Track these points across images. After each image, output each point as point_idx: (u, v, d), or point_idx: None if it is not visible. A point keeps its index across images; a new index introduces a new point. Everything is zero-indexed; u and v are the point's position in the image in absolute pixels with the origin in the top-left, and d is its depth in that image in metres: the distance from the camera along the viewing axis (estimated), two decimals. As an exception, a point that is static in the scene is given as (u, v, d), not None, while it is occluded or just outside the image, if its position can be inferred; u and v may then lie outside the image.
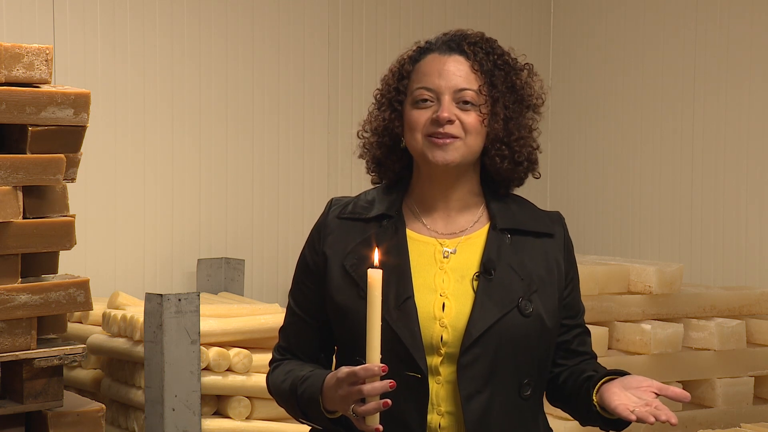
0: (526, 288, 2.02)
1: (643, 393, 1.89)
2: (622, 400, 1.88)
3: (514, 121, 2.07)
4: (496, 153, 2.06)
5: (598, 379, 2.00)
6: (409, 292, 1.99)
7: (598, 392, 1.97)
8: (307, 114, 5.58)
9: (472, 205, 2.10)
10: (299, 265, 2.15)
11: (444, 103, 2.02)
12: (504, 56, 2.09)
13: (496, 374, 1.98)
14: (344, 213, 2.11)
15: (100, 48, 5.00)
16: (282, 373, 2.11)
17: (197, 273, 5.18)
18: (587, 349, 2.15)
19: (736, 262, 5.21)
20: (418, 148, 2.04)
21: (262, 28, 5.44)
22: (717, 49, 5.32)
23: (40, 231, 3.12)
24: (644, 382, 1.91)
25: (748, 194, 5.17)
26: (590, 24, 6.07)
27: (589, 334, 2.17)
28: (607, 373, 2.01)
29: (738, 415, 4.25)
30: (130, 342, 4.05)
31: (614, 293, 4.32)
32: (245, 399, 4.00)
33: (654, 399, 1.87)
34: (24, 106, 3.06)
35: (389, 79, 2.11)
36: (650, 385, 1.90)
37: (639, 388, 1.90)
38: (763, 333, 4.42)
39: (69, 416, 3.20)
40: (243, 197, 5.41)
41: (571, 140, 6.16)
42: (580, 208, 6.03)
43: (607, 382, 1.96)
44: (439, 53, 2.07)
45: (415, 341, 1.97)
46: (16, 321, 3.09)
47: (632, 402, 1.87)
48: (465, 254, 2.05)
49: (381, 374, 1.82)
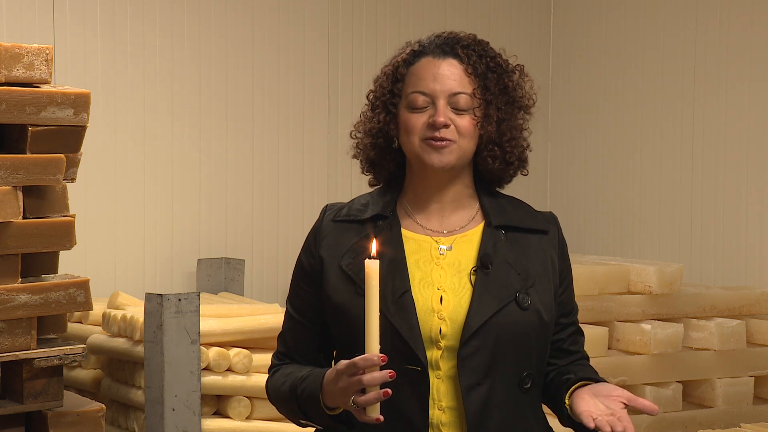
0: (523, 282, 2.03)
1: (611, 402, 1.91)
2: (589, 407, 1.91)
3: (507, 123, 2.09)
4: (488, 154, 2.09)
5: (573, 383, 2.03)
6: (407, 286, 2.01)
7: (570, 396, 2.00)
8: (307, 114, 5.58)
9: (466, 203, 2.12)
10: (296, 270, 2.17)
11: (439, 108, 2.04)
12: (496, 58, 2.11)
13: (496, 367, 1.99)
14: (339, 216, 2.13)
15: (100, 48, 5.00)
16: (281, 375, 2.12)
17: (197, 273, 5.18)
18: (579, 348, 2.17)
19: (736, 262, 5.21)
20: (414, 151, 2.06)
21: (262, 28, 5.44)
22: (717, 48, 5.32)
23: (40, 231, 3.12)
24: (615, 391, 1.94)
25: (748, 194, 5.17)
26: (590, 24, 6.07)
27: (582, 334, 2.19)
28: (582, 378, 2.04)
29: (738, 415, 4.25)
30: (130, 342, 4.05)
31: (614, 293, 4.32)
32: (245, 399, 4.00)
33: (621, 409, 1.89)
34: (24, 106, 3.06)
35: (383, 82, 2.13)
36: (620, 395, 1.92)
37: (609, 397, 1.92)
38: (763, 333, 4.42)
39: (69, 416, 3.20)
40: (243, 197, 5.41)
41: (571, 140, 6.16)
42: (580, 208, 6.03)
43: (581, 387, 1.99)
44: (433, 57, 2.08)
45: (414, 334, 1.98)
46: (16, 321, 3.09)
47: (598, 410, 1.89)
48: (461, 251, 2.06)
49: (380, 364, 1.82)
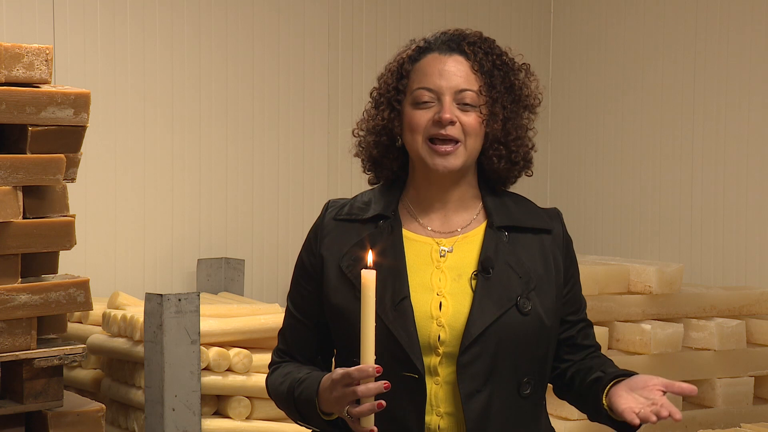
0: (525, 286, 2.02)
1: (649, 392, 1.90)
2: (629, 403, 1.89)
3: (512, 122, 2.07)
4: (494, 153, 2.07)
5: (607, 382, 2.00)
6: (406, 293, 1.99)
7: (607, 395, 1.97)
8: (307, 114, 5.58)
9: (469, 203, 2.10)
10: (297, 267, 2.16)
11: (445, 104, 2.01)
12: (503, 56, 2.09)
13: (496, 373, 1.98)
14: (341, 214, 2.11)
15: (100, 48, 5.00)
16: (280, 375, 2.11)
17: (197, 273, 5.18)
18: (591, 342, 2.16)
19: (736, 262, 5.21)
20: (418, 152, 2.04)
21: (263, 28, 5.44)
22: (717, 47, 5.32)
23: (40, 231, 3.12)
24: (650, 381, 1.92)
25: (748, 194, 5.17)
26: (590, 24, 6.07)
27: (591, 326, 2.18)
28: (615, 375, 2.01)
29: (738, 415, 4.25)
30: (130, 342, 4.05)
31: (614, 293, 4.32)
32: (245, 399, 4.00)
33: (661, 397, 1.88)
34: (24, 106, 3.06)
35: (388, 78, 2.10)
36: (657, 384, 1.91)
37: (645, 388, 1.91)
38: (763, 333, 4.42)
39: (69, 416, 3.20)
40: (243, 197, 5.41)
41: (571, 140, 6.16)
42: (580, 208, 6.03)
43: (616, 385, 1.97)
44: (439, 53, 2.06)
45: (412, 341, 1.97)
46: (16, 321, 3.09)
47: (638, 404, 1.88)
48: (462, 253, 2.05)
49: (375, 375, 1.82)
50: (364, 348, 1.82)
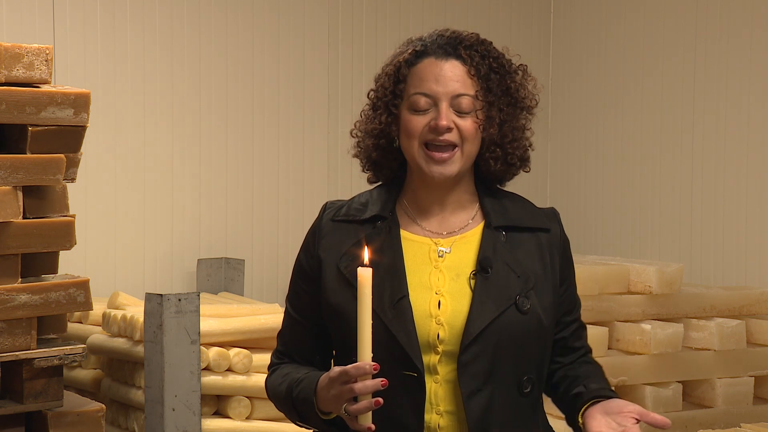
0: (523, 285, 2.02)
1: (623, 419, 1.92)
2: (601, 427, 1.92)
3: (509, 124, 2.07)
4: (491, 156, 2.08)
5: (586, 400, 2.03)
6: (404, 291, 1.99)
7: (583, 415, 2.00)
8: (307, 114, 5.58)
9: (466, 204, 2.11)
10: (295, 269, 2.16)
11: (442, 110, 2.01)
12: (499, 59, 2.09)
13: (496, 372, 1.99)
14: (338, 215, 2.11)
15: (100, 48, 5.00)
16: (279, 376, 2.12)
17: (197, 273, 5.18)
18: (582, 344, 2.17)
19: (736, 262, 5.21)
20: (414, 157, 2.05)
21: (262, 28, 5.44)
22: (717, 47, 5.32)
23: (40, 231, 3.12)
24: (626, 407, 1.94)
25: (749, 194, 5.17)
26: (590, 24, 6.07)
27: (584, 328, 2.19)
28: (594, 394, 2.04)
29: (738, 415, 4.25)
30: (130, 342, 4.05)
31: (614, 293, 4.32)
32: (245, 399, 4.00)
33: (633, 425, 1.90)
34: (24, 106, 3.06)
35: (385, 82, 2.10)
36: (631, 411, 1.93)
37: (620, 414, 1.93)
38: (763, 333, 4.42)
39: (69, 416, 3.20)
40: (243, 197, 5.41)
41: (571, 140, 6.16)
42: (580, 208, 6.03)
43: (592, 405, 2.00)
44: (436, 57, 2.05)
45: (411, 340, 1.97)
46: (16, 321, 3.09)
47: (610, 428, 1.91)
48: (460, 253, 2.05)
49: (373, 372, 1.82)
50: (360, 345, 1.82)
